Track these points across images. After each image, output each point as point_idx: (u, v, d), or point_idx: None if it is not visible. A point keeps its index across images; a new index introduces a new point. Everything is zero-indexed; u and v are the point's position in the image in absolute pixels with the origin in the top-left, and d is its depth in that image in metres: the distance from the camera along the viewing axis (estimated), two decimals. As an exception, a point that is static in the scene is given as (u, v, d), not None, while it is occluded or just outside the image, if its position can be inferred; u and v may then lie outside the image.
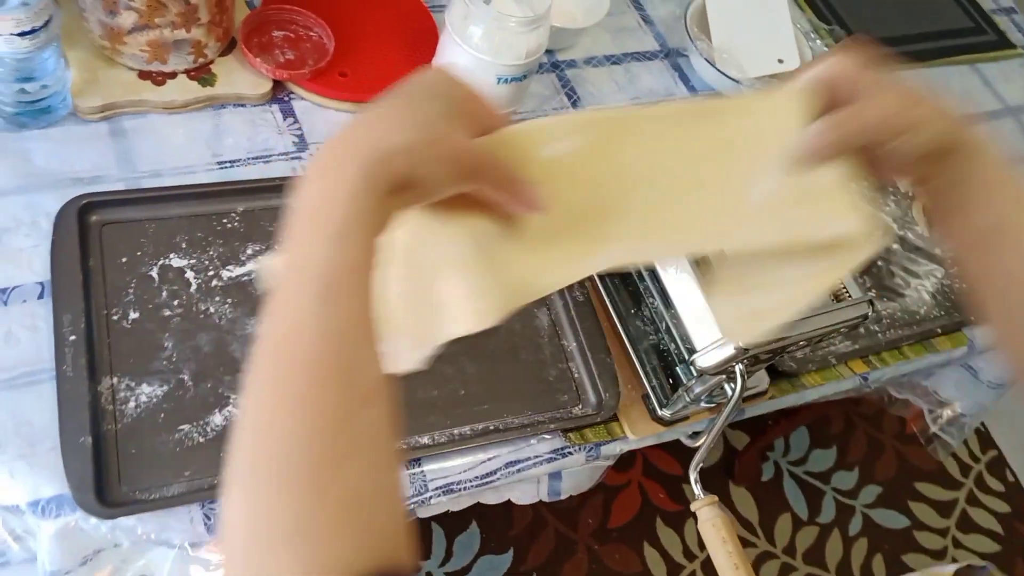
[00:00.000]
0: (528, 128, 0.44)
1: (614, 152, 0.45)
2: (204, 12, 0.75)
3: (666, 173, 0.46)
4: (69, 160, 0.74)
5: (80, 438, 0.60)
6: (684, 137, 0.46)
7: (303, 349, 0.34)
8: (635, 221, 0.46)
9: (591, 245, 0.46)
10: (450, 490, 0.68)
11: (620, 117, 0.46)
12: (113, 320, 0.67)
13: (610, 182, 0.45)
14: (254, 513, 0.33)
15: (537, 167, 0.43)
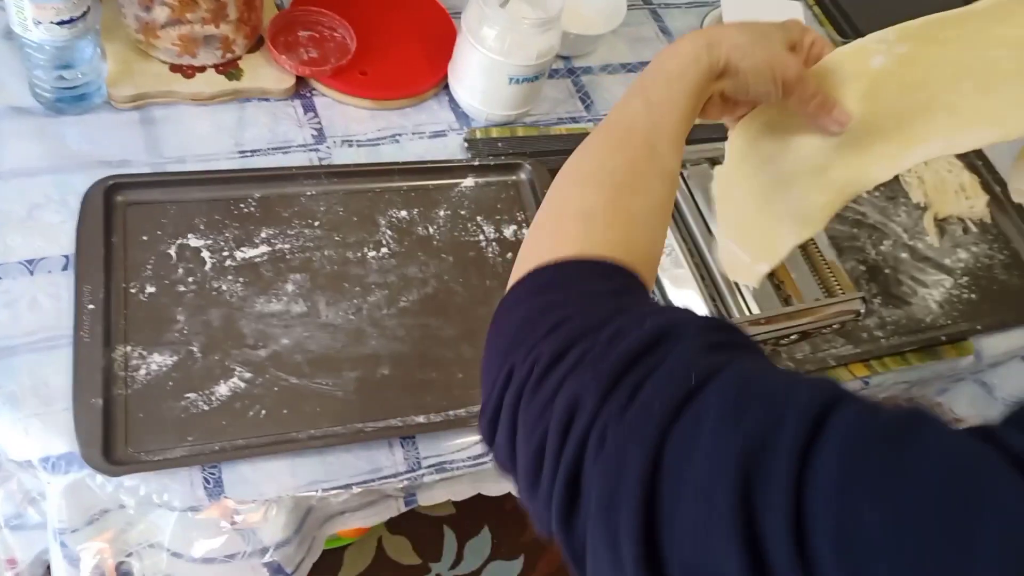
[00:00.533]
0: (855, 47, 0.56)
1: (931, 55, 0.54)
2: (233, 9, 0.79)
3: (980, 68, 0.53)
4: (101, 144, 0.78)
5: (91, 399, 0.64)
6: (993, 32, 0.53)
7: (627, 128, 0.49)
8: (955, 114, 0.54)
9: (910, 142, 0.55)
10: (443, 468, 0.70)
11: (929, 24, 0.54)
12: (131, 293, 0.71)
13: (930, 82, 0.54)
14: (566, 197, 0.48)
15: (864, 79, 0.55)
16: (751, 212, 0.62)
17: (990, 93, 0.52)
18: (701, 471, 0.32)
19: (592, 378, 0.37)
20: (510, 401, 0.40)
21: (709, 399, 0.34)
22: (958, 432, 0.30)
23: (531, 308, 0.43)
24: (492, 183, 0.86)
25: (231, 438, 0.66)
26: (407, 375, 0.73)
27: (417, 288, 0.78)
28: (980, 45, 0.52)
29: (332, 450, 0.68)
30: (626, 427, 0.35)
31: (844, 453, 0.30)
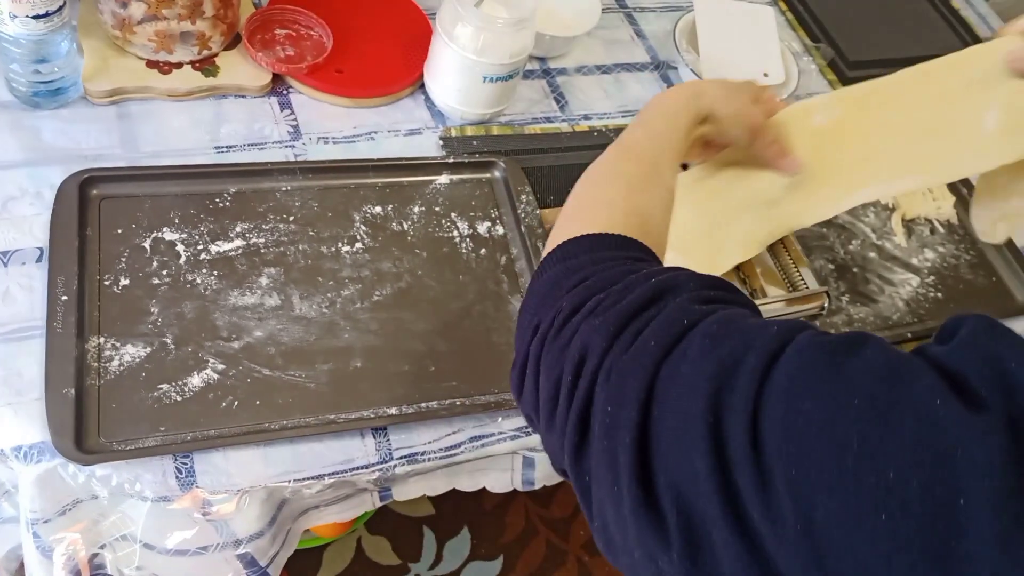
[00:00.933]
0: (801, 106, 0.68)
1: (865, 116, 0.64)
2: (209, 6, 0.80)
3: (908, 125, 0.63)
4: (76, 138, 0.79)
5: (64, 389, 0.64)
6: (917, 94, 0.63)
7: (640, 149, 0.59)
8: (887, 164, 0.63)
9: (850, 188, 0.64)
10: (414, 460, 0.71)
11: (865, 90, 0.65)
12: (104, 285, 0.71)
13: (864, 138, 0.64)
14: (589, 192, 0.57)
15: (808, 134, 0.66)
16: (700, 232, 0.70)
17: (917, 145, 0.62)
18: (682, 393, 0.38)
19: (602, 324, 0.43)
20: (535, 350, 0.46)
21: (694, 336, 0.39)
22: (894, 348, 0.35)
23: (557, 272, 0.50)
24: (467, 180, 0.88)
25: (204, 428, 0.67)
26: (380, 368, 0.74)
27: (391, 283, 0.79)
28: (906, 107, 0.62)
29: (304, 440, 0.69)
30: (627, 363, 0.40)
31: (795, 363, 0.35)
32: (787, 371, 0.35)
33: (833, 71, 1.15)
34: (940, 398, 0.31)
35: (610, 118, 0.99)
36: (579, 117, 0.98)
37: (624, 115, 1.00)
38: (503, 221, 0.86)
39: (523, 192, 0.87)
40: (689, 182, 0.71)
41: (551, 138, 0.94)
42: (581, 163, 0.92)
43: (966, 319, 0.36)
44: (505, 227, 0.86)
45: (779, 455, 0.33)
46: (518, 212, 0.85)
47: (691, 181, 0.71)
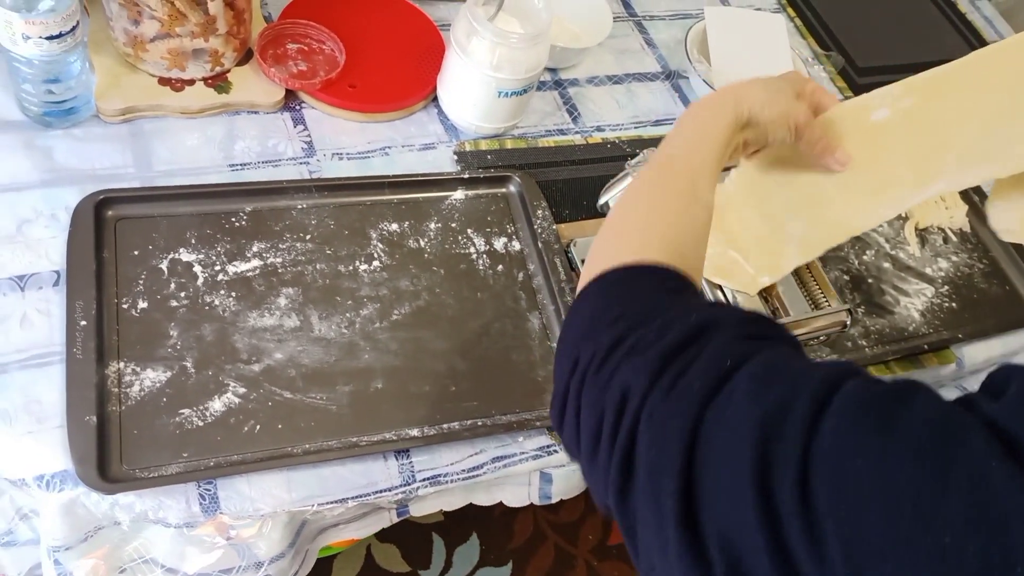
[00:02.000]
0: (858, 103, 0.63)
1: (937, 105, 0.60)
2: (222, 23, 0.79)
3: (984, 111, 0.58)
4: (89, 158, 0.78)
5: (85, 417, 0.64)
6: (992, 75, 0.59)
7: (677, 165, 0.57)
8: (960, 155, 0.59)
9: (920, 183, 0.60)
10: (437, 481, 0.71)
11: (936, 77, 0.61)
12: (123, 308, 0.71)
13: (936, 128, 0.60)
14: (625, 215, 0.56)
15: (866, 131, 0.62)
16: (762, 232, 0.66)
17: (993, 132, 0.58)
18: (728, 438, 0.37)
19: (643, 364, 0.42)
20: (575, 385, 0.46)
21: (739, 380, 0.39)
22: (944, 400, 0.35)
23: (596, 306, 0.49)
24: (482, 196, 0.87)
25: (226, 453, 0.66)
26: (400, 389, 0.73)
27: (409, 301, 0.78)
28: (981, 90, 0.58)
29: (327, 464, 0.68)
30: (671, 405, 0.40)
31: (844, 416, 0.35)
32: (836, 424, 0.35)
33: (843, 78, 1.15)
34: (995, 459, 0.31)
35: (623, 130, 0.99)
36: (592, 129, 0.97)
37: (636, 126, 1.00)
38: (519, 236, 0.86)
39: (539, 207, 0.86)
40: (744, 182, 0.67)
41: (565, 151, 0.94)
42: (595, 176, 0.92)
43: (1016, 373, 0.36)
44: (522, 243, 0.85)
45: (830, 513, 0.33)
46: (534, 227, 0.85)
47: (746, 182, 0.67)
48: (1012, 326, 0.97)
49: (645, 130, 0.99)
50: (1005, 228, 0.63)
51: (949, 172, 0.60)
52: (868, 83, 1.15)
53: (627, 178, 0.73)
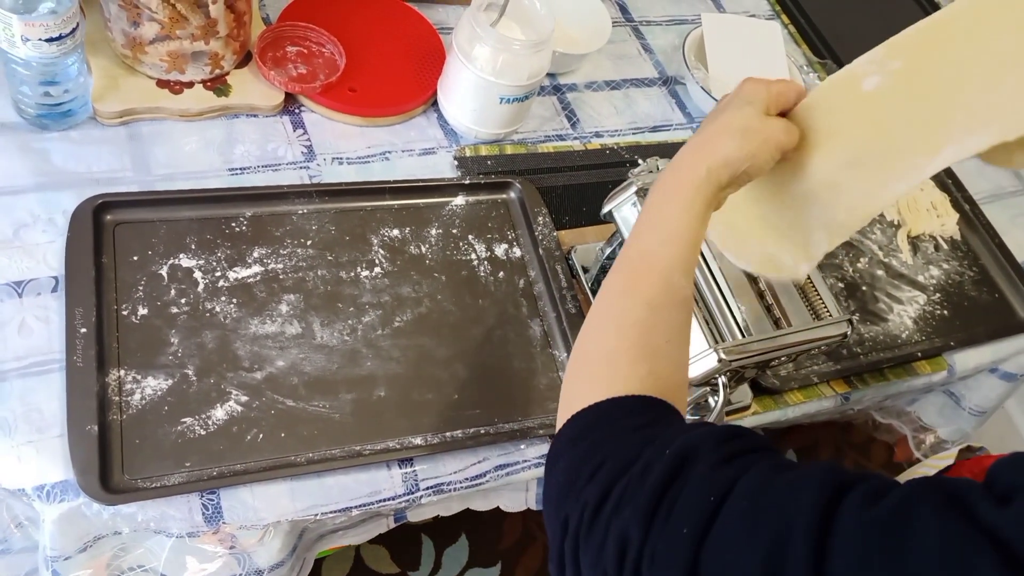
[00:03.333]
0: (844, 74, 0.55)
1: (931, 62, 0.52)
2: (223, 26, 0.78)
3: (987, 60, 0.50)
4: (87, 161, 0.77)
5: (86, 426, 0.63)
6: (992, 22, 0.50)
7: (644, 267, 0.53)
8: (970, 115, 0.50)
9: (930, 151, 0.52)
10: (440, 490, 0.71)
11: (928, 29, 0.52)
12: (123, 315, 0.70)
13: (937, 88, 0.51)
14: (592, 341, 0.52)
15: (859, 104, 0.54)
16: (788, 221, 0.61)
17: (999, 85, 0.49)
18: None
19: (632, 515, 0.41)
20: (570, 548, 0.45)
21: (726, 516, 0.39)
22: (944, 516, 0.34)
23: (572, 458, 0.47)
24: (483, 201, 0.87)
25: (229, 463, 0.66)
26: (403, 396, 0.73)
27: (411, 308, 0.78)
28: (982, 37, 0.50)
29: (331, 473, 0.68)
30: (665, 552, 0.40)
31: (849, 551, 0.34)
32: (844, 560, 0.34)
33: (837, 86, 1.16)
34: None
35: (621, 136, 0.99)
36: (590, 135, 0.98)
37: (635, 132, 1.00)
38: (520, 243, 0.86)
39: (539, 213, 0.86)
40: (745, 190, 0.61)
41: (564, 156, 0.94)
42: (594, 182, 0.92)
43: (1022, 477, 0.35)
44: (522, 249, 0.85)
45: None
46: (535, 234, 0.85)
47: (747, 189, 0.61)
48: (1001, 333, 0.99)
49: (643, 136, 1.00)
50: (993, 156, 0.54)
51: (957, 135, 0.51)
52: (861, 91, 1.16)
53: (631, 187, 0.74)
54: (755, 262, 0.63)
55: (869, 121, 0.55)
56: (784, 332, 0.70)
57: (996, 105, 0.49)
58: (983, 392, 1.10)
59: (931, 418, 1.20)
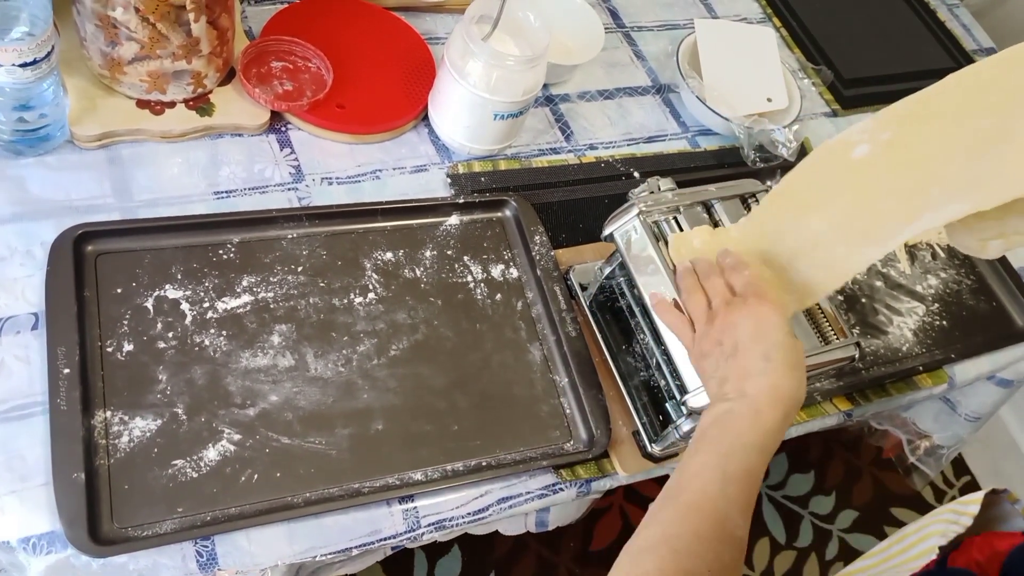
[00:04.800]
0: (839, 141, 0.60)
1: (918, 135, 0.55)
2: (205, 44, 0.75)
3: (970, 137, 0.53)
4: (65, 188, 0.73)
5: (73, 474, 0.60)
6: (972, 100, 0.54)
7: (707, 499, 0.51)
8: (940, 191, 0.54)
9: (907, 218, 0.55)
10: (442, 526, 0.69)
11: (914, 104, 0.56)
12: (107, 352, 0.67)
13: (919, 159, 0.55)
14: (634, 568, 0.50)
15: (849, 170, 0.58)
16: (765, 274, 0.64)
17: (977, 161, 0.53)
18: None
19: None
20: None
21: None
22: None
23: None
24: (477, 221, 0.85)
25: (223, 507, 0.63)
26: (401, 429, 0.71)
27: (407, 335, 0.76)
28: (966, 115, 0.54)
29: (329, 513, 0.66)
30: None
31: None
32: None
33: (831, 91, 1.14)
34: None
35: (616, 147, 0.97)
36: (584, 147, 0.95)
37: (629, 143, 0.98)
38: (517, 263, 0.83)
39: (536, 232, 0.84)
40: (751, 230, 0.67)
41: (559, 171, 0.91)
42: (591, 197, 0.90)
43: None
44: (519, 269, 0.83)
45: None
46: (532, 253, 0.83)
47: (752, 229, 0.67)
48: (1000, 343, 0.98)
49: (638, 147, 0.98)
50: (965, 246, 0.60)
51: (934, 204, 0.55)
52: (854, 95, 1.15)
53: (632, 209, 0.72)
54: None
55: (856, 186, 0.59)
56: (792, 358, 0.68)
57: (974, 178, 0.52)
58: (979, 398, 1.10)
59: (927, 424, 1.20)
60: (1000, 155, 0.51)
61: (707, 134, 1.03)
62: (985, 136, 0.53)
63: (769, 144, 0.98)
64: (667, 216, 0.72)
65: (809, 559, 1.64)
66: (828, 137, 1.09)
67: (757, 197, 0.75)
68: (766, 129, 0.97)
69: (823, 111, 1.13)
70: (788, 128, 0.98)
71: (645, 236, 0.71)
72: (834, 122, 1.12)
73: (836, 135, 0.62)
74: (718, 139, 1.03)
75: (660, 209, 0.72)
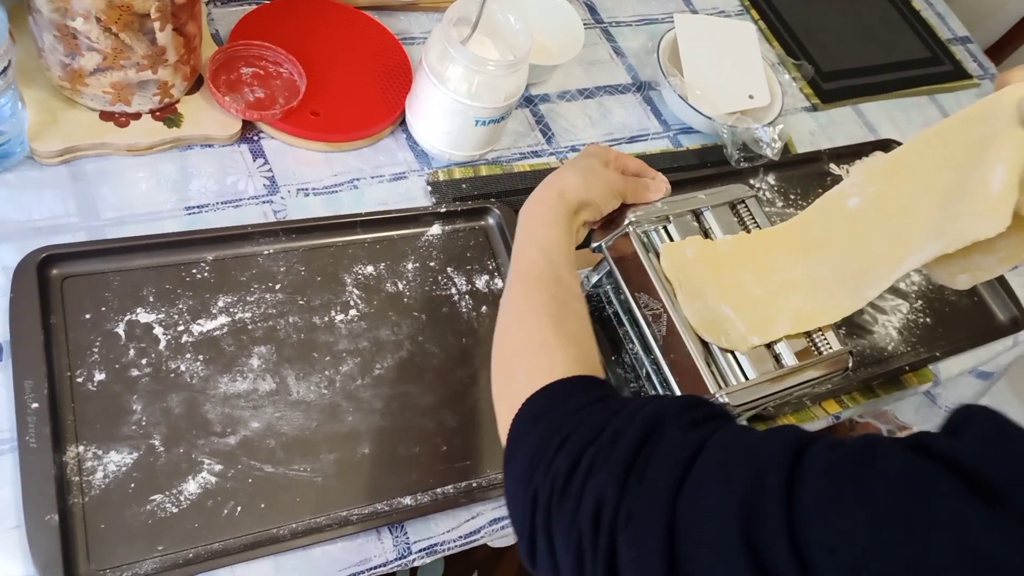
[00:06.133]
0: (835, 193, 0.66)
1: (897, 188, 0.62)
2: (172, 52, 0.71)
3: (941, 187, 0.58)
4: (27, 208, 0.70)
5: (45, 515, 0.57)
6: (938, 156, 0.59)
7: (535, 273, 0.60)
8: (922, 236, 0.59)
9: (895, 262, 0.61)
10: (434, 551, 0.67)
11: (893, 160, 0.63)
12: (77, 383, 0.64)
13: (901, 209, 0.61)
14: (517, 338, 0.57)
15: (845, 218, 0.65)
16: (757, 295, 0.66)
17: (945, 209, 0.59)
18: (709, 527, 0.39)
19: (607, 475, 0.43)
20: (542, 520, 0.46)
21: (703, 468, 0.41)
22: (904, 451, 0.38)
23: (535, 435, 0.50)
24: (460, 230, 0.82)
25: (206, 542, 0.61)
26: (389, 452, 0.69)
27: (391, 353, 0.73)
28: (936, 169, 0.60)
29: (317, 544, 0.63)
30: (642, 507, 0.41)
31: (820, 484, 0.37)
32: (814, 492, 0.37)
33: (810, 86, 1.13)
34: (966, 503, 0.34)
35: (598, 149, 0.94)
36: (566, 149, 0.93)
37: (611, 143, 0.96)
38: (501, 273, 0.81)
39: (520, 241, 0.82)
40: (743, 249, 0.69)
41: (541, 175, 0.88)
42: (574, 202, 0.88)
43: (977, 414, 0.38)
44: (504, 279, 0.81)
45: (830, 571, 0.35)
46: (517, 263, 0.80)
47: (744, 249, 0.69)
48: (982, 338, 0.98)
49: (620, 148, 0.96)
50: (938, 278, 0.64)
51: (917, 247, 0.60)
52: (833, 88, 1.14)
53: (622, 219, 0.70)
54: (697, 319, 0.66)
55: (851, 234, 0.65)
56: (785, 371, 0.67)
57: (943, 224, 0.58)
58: (959, 391, 1.10)
59: (908, 416, 1.21)
60: (959, 205, 0.57)
61: (689, 132, 1.01)
62: (951, 187, 0.58)
63: (753, 143, 0.97)
64: (657, 226, 0.71)
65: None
66: (809, 133, 1.09)
67: (746, 203, 0.74)
68: (750, 128, 0.96)
69: (803, 105, 1.12)
70: (772, 127, 0.97)
71: (636, 247, 0.69)
72: (815, 117, 1.11)
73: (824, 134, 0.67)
74: (700, 137, 1.01)
75: (650, 219, 0.70)
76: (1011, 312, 1.01)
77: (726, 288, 0.66)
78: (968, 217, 0.55)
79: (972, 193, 0.56)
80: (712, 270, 0.67)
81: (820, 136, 1.09)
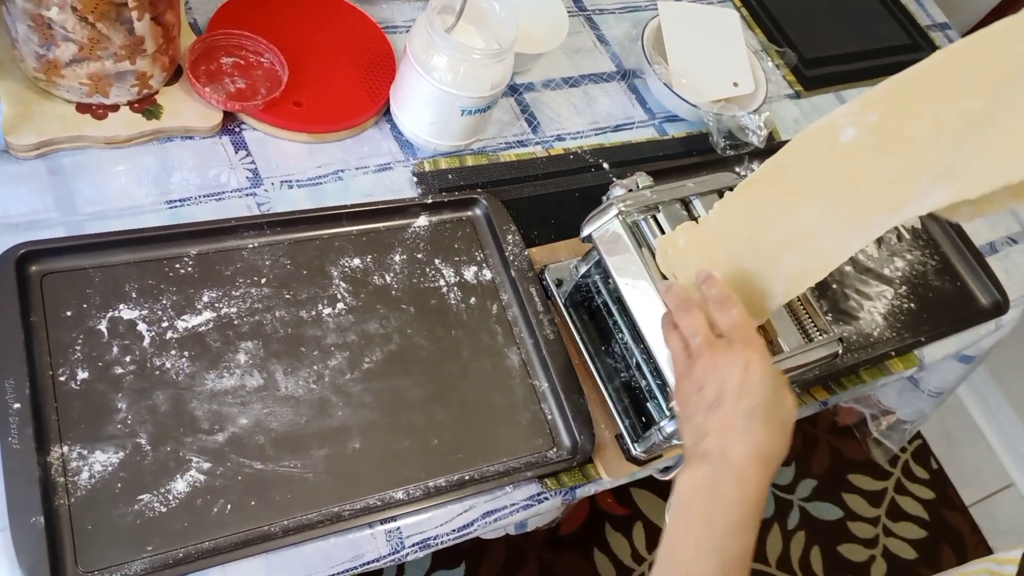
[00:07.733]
0: (825, 123, 0.57)
1: (904, 117, 0.52)
2: (150, 43, 0.70)
3: (955, 120, 0.50)
4: (3, 204, 0.68)
5: (31, 518, 0.56)
6: (962, 82, 0.50)
7: None
8: (930, 177, 0.51)
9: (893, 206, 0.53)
10: (427, 545, 0.66)
11: (900, 85, 0.53)
12: (60, 382, 0.62)
13: (911, 145, 0.52)
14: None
15: (835, 154, 0.56)
16: (751, 267, 0.62)
17: (963, 145, 0.50)
18: None
19: None
20: None
21: None
22: None
23: None
24: (447, 221, 0.81)
25: (196, 541, 0.60)
26: (379, 447, 0.68)
27: (379, 346, 0.72)
28: (954, 96, 0.51)
29: (309, 541, 0.63)
30: None
31: None
32: None
33: (793, 72, 1.13)
34: None
35: (584, 137, 0.94)
36: (552, 139, 0.92)
37: (597, 133, 0.95)
38: (489, 264, 0.80)
39: (508, 231, 0.81)
40: (731, 217, 0.63)
41: (527, 165, 0.88)
42: (560, 191, 0.88)
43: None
44: (492, 270, 0.80)
45: None
46: (505, 254, 0.80)
47: (732, 217, 0.63)
48: (965, 323, 0.99)
49: (606, 137, 0.95)
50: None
51: (920, 193, 0.52)
52: (816, 75, 1.14)
53: (611, 209, 0.69)
54: None
55: (844, 173, 0.56)
56: (777, 359, 0.67)
57: (959, 165, 0.50)
58: (941, 375, 1.12)
59: (891, 400, 1.22)
60: (984, 138, 0.48)
61: (674, 120, 1.01)
62: (973, 118, 0.50)
63: (738, 131, 0.96)
64: (646, 215, 0.70)
65: (772, 529, 1.67)
66: (793, 120, 1.09)
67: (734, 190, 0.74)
68: (735, 116, 0.96)
69: (786, 92, 1.12)
70: (757, 114, 0.97)
71: (625, 237, 0.69)
72: (798, 104, 1.11)
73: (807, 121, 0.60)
74: (685, 125, 1.01)
75: (639, 208, 0.70)
76: (993, 296, 1.02)
77: (720, 270, 0.62)
78: (1000, 154, 0.47)
79: (1006, 125, 0.48)
80: (705, 255, 0.65)
81: (804, 123, 1.09)
